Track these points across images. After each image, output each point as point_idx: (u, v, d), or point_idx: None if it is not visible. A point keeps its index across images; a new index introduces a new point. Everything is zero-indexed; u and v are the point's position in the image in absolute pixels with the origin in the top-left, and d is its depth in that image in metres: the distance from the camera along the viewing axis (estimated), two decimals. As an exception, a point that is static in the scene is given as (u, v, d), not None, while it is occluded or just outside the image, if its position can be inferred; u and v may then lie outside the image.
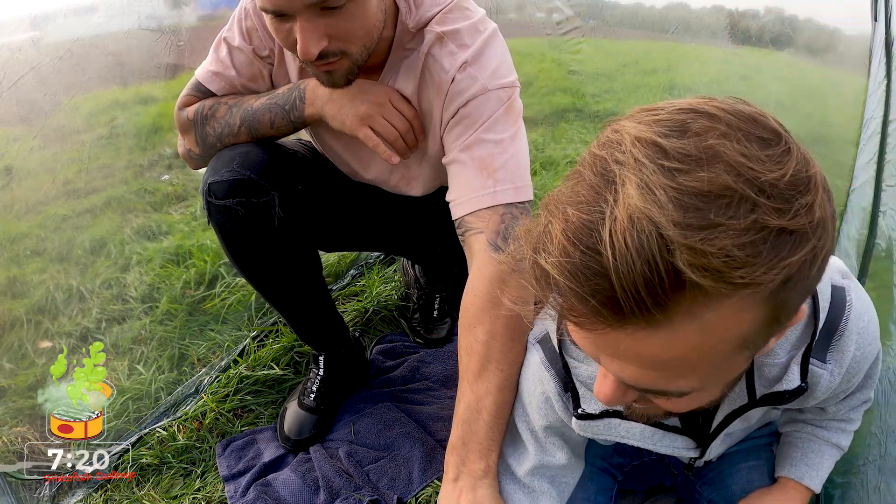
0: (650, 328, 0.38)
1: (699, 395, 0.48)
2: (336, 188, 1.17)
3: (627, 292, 0.35)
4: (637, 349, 0.40)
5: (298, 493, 1.12)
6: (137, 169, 1.77)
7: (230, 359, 1.42)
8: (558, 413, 0.71)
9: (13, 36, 1.24)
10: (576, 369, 0.67)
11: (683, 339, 0.39)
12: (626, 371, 0.43)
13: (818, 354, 0.61)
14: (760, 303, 0.38)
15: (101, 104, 1.56)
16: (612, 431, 0.69)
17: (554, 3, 1.92)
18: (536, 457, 0.77)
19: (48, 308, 1.37)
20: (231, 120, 0.98)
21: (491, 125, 0.86)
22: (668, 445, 0.71)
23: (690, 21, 1.81)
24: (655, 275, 0.35)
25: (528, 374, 0.75)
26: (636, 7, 2.00)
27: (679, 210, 0.35)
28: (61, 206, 1.48)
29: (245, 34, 0.99)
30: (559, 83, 2.27)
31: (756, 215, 0.36)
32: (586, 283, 0.36)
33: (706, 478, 0.93)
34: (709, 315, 0.38)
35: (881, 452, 0.88)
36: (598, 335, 0.40)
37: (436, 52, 0.89)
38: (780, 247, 0.36)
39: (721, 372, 0.46)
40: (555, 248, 0.38)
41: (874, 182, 1.17)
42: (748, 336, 0.41)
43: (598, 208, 0.37)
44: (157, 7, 1.45)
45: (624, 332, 0.39)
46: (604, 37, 2.02)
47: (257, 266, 1.07)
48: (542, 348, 0.71)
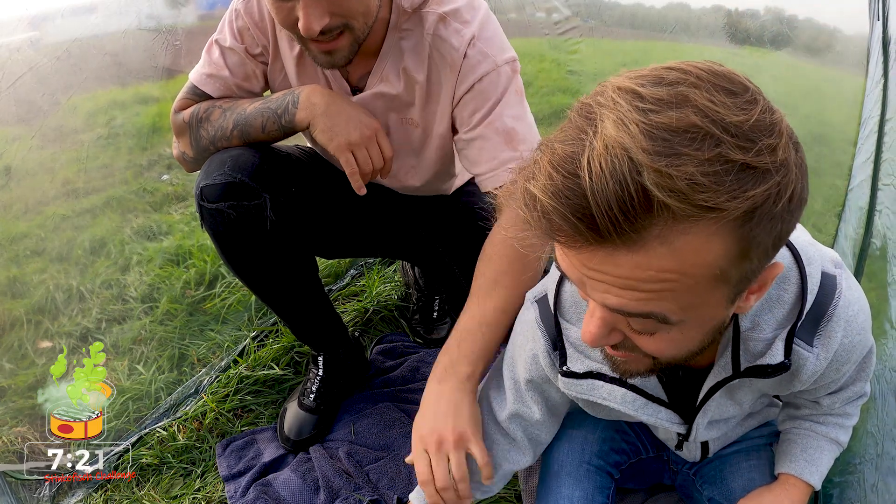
0: (625, 248, 0.42)
1: (679, 336, 0.51)
2: (333, 190, 1.17)
3: (602, 210, 0.40)
4: (616, 270, 0.44)
5: (298, 493, 1.12)
6: (137, 169, 1.77)
7: (230, 359, 1.42)
8: (545, 370, 0.75)
9: (12, 36, 1.24)
10: (567, 330, 0.71)
11: (656, 262, 0.43)
12: (609, 295, 0.46)
13: (805, 337, 0.63)
14: (728, 233, 0.42)
15: (99, 104, 1.56)
16: (595, 393, 0.72)
17: (553, 3, 1.92)
18: (514, 406, 0.82)
19: (48, 308, 1.37)
20: (224, 123, 0.98)
21: (507, 99, 0.93)
22: (650, 414, 0.72)
23: (690, 21, 1.81)
24: (626, 194, 0.40)
25: (521, 329, 0.79)
26: (635, 7, 2.00)
27: (649, 140, 0.40)
28: (61, 206, 1.48)
29: (236, 34, 0.99)
30: (558, 83, 2.27)
31: (720, 150, 0.40)
32: (567, 203, 0.41)
33: (706, 477, 0.93)
34: (679, 240, 0.42)
35: (878, 451, 0.88)
36: (582, 255, 0.45)
37: (441, 32, 0.92)
38: (743, 180, 0.41)
39: (699, 306, 0.48)
40: (541, 174, 0.43)
41: (871, 181, 1.18)
42: (722, 267, 0.44)
43: (579, 141, 0.42)
44: (156, 7, 1.45)
45: (604, 251, 0.43)
46: (603, 37, 2.02)
47: (251, 269, 1.08)
48: (538, 307, 0.74)
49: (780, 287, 0.62)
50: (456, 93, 0.94)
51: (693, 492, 0.95)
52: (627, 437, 0.96)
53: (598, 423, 0.94)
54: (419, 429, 0.84)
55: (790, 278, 0.62)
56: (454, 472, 0.81)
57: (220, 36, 1.01)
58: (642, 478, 1.00)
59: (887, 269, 1.02)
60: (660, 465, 1.00)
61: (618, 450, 0.94)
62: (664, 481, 1.02)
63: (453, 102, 0.95)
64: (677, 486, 1.02)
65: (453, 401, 0.83)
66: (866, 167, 1.26)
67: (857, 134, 1.43)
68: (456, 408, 0.83)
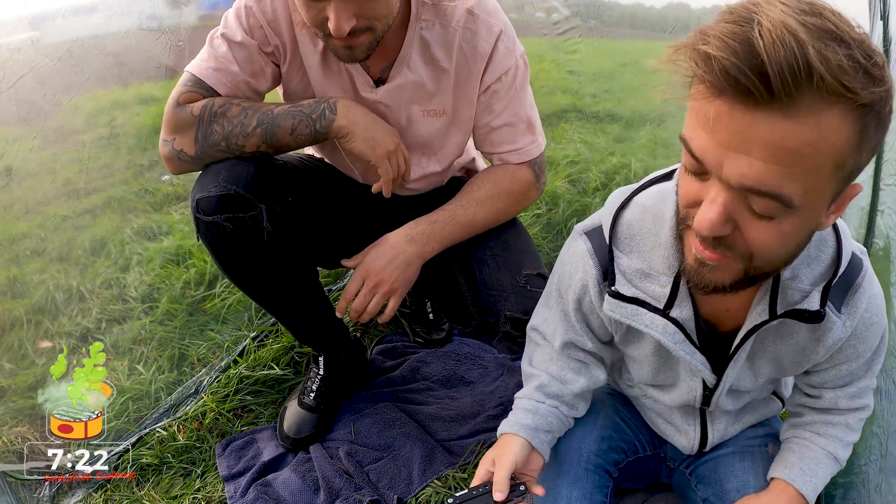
0: (782, 113, 0.50)
1: (788, 230, 0.57)
2: (330, 198, 1.16)
3: (775, 69, 0.48)
4: (769, 136, 0.51)
5: (298, 493, 1.12)
6: (137, 169, 1.77)
7: (230, 359, 1.42)
8: (593, 300, 0.80)
9: (12, 36, 1.24)
10: (619, 259, 0.77)
11: (804, 132, 0.50)
12: (751, 170, 0.52)
13: (835, 301, 0.71)
14: (854, 119, 0.51)
15: (100, 104, 1.56)
16: (638, 319, 0.76)
17: (552, 3, 1.92)
18: (568, 335, 0.87)
19: (48, 308, 1.37)
20: (246, 121, 0.97)
21: (527, 90, 1.10)
22: (687, 352, 0.76)
23: (690, 21, 1.81)
24: (794, 59, 0.47)
25: (570, 260, 0.83)
26: (635, 7, 2.00)
27: (805, 29, 0.48)
28: (61, 206, 1.48)
29: (248, 30, 0.99)
30: (558, 83, 2.27)
31: (852, 52, 0.49)
32: (745, 60, 0.48)
33: (702, 477, 0.93)
34: (823, 113, 0.50)
35: (882, 452, 0.88)
36: (742, 121, 0.51)
37: (471, 25, 1.01)
38: (867, 78, 0.50)
39: (815, 194, 0.55)
40: (715, 40, 0.50)
41: (872, 181, 1.17)
42: (843, 153, 0.52)
43: (746, 21, 0.49)
44: (157, 7, 1.45)
45: (763, 114, 0.50)
46: (603, 37, 2.02)
47: (250, 279, 1.08)
48: (588, 239, 0.80)
49: (819, 248, 0.70)
50: (484, 81, 1.05)
51: (689, 492, 0.95)
52: (625, 436, 0.96)
53: (595, 422, 0.95)
54: (369, 264, 1.03)
55: (828, 243, 0.70)
56: (370, 308, 1.04)
57: (228, 31, 1.00)
58: (640, 476, 1.00)
59: (890, 269, 1.01)
60: (657, 463, 1.00)
61: (616, 448, 0.94)
62: (661, 479, 1.03)
63: (480, 89, 1.06)
64: (673, 486, 1.02)
65: (407, 262, 1.03)
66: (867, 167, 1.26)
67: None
68: (406, 268, 1.04)
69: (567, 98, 2.30)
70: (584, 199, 1.95)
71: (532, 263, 1.12)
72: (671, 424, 0.93)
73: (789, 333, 0.75)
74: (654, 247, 0.74)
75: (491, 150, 1.12)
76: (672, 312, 0.74)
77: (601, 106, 2.28)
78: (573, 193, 1.99)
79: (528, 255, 1.14)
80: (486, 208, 1.09)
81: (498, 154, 1.12)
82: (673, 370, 0.84)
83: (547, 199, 1.96)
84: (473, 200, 1.09)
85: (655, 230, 0.74)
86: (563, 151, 2.20)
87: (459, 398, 1.34)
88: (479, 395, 1.35)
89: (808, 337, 0.74)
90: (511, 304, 1.06)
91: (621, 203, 0.77)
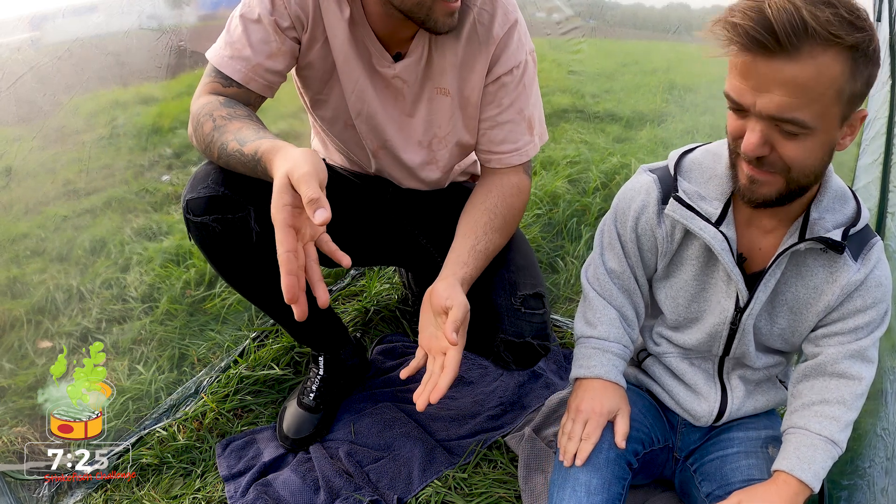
0: (789, 58, 0.68)
1: (811, 145, 0.73)
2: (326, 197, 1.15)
3: (780, 28, 0.67)
4: (782, 76, 0.69)
5: (298, 493, 1.11)
6: (138, 169, 1.77)
7: (230, 359, 1.42)
8: (650, 217, 0.93)
9: (12, 36, 1.23)
10: (681, 183, 0.90)
11: (806, 71, 0.68)
12: (773, 102, 0.70)
13: (852, 250, 0.85)
14: (844, 59, 0.69)
15: (101, 104, 1.56)
16: (693, 222, 0.88)
17: (554, 3, 1.92)
18: (619, 264, 0.98)
19: (48, 308, 1.37)
20: (212, 144, 0.94)
21: (534, 88, 1.09)
22: (729, 262, 0.88)
23: (691, 21, 1.81)
24: (794, 20, 0.67)
25: (633, 187, 0.96)
26: (636, 7, 2.00)
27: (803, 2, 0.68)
28: (61, 206, 1.47)
29: (268, 2, 0.95)
30: (559, 83, 2.26)
31: (838, 10, 0.68)
32: (759, 23, 0.68)
33: (706, 473, 0.95)
34: (819, 57, 0.68)
35: (887, 454, 0.88)
36: (764, 67, 0.69)
37: (488, 7, 1.00)
38: (851, 27, 0.68)
39: (826, 116, 0.71)
40: (739, 14, 0.70)
41: (880, 183, 1.17)
42: (840, 84, 0.69)
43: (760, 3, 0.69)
44: (158, 7, 1.45)
45: (777, 62, 0.69)
46: (604, 37, 2.01)
47: (243, 279, 1.07)
48: (653, 172, 0.94)
49: (842, 203, 0.85)
50: (494, 71, 1.03)
51: (691, 488, 0.97)
52: (643, 428, 0.98)
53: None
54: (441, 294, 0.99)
55: (849, 202, 0.85)
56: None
57: (247, 9, 0.96)
58: (649, 470, 1.01)
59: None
60: (666, 456, 1.02)
61: (635, 438, 0.95)
62: (665, 472, 1.04)
63: (488, 79, 1.04)
64: (676, 484, 1.03)
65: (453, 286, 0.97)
66: (872, 169, 1.25)
67: (862, 134, 1.43)
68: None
69: (567, 98, 2.30)
70: (584, 199, 1.94)
71: (530, 281, 1.09)
72: (692, 390, 0.99)
73: (809, 274, 0.87)
74: (711, 178, 0.89)
75: (490, 150, 1.09)
76: (721, 227, 0.88)
77: (602, 106, 2.28)
78: (573, 193, 1.99)
79: (527, 273, 1.10)
80: (503, 235, 1.07)
81: (498, 155, 1.09)
82: (706, 298, 0.93)
83: (547, 199, 1.95)
84: (492, 230, 1.05)
85: (713, 165, 0.90)
86: (563, 151, 2.19)
87: (459, 398, 1.34)
88: (478, 394, 1.35)
89: (825, 279, 0.86)
90: (505, 326, 1.05)
91: (685, 150, 0.94)
